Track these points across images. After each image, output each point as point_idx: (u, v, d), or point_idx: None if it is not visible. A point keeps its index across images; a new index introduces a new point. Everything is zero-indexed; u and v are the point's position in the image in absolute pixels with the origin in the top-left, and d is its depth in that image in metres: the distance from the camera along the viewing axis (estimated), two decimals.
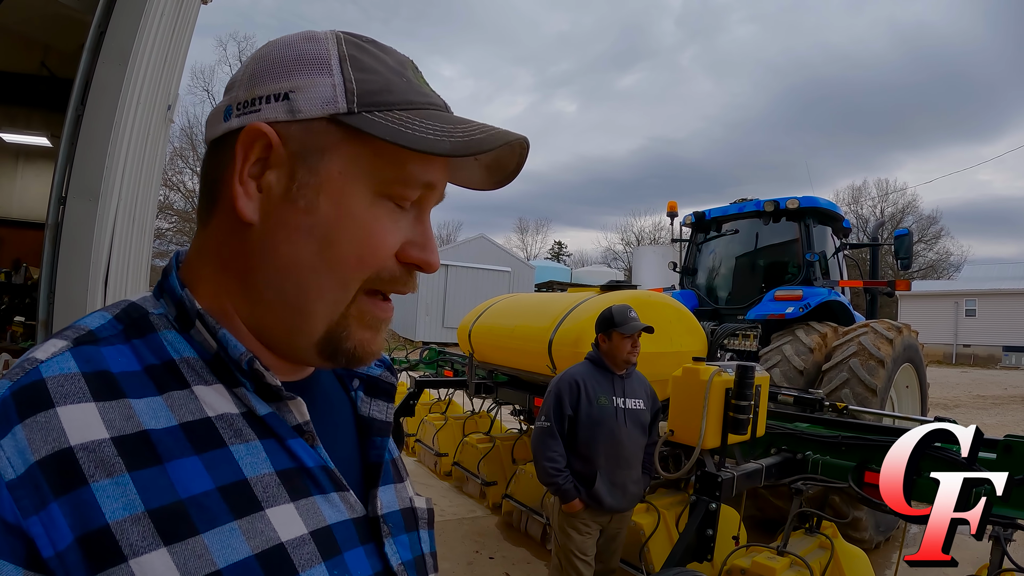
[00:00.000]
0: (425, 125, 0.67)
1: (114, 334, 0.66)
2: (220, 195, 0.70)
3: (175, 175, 35.54)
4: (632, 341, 3.69)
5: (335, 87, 0.67)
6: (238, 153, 0.67)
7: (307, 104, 0.67)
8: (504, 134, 0.70)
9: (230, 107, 0.70)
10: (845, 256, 8.23)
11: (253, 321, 0.71)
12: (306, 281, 0.68)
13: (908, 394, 6.86)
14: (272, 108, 0.67)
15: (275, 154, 0.67)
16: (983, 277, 41.35)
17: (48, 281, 4.57)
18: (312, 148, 0.67)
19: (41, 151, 7.54)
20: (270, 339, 0.72)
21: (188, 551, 0.57)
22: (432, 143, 0.65)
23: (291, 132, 0.67)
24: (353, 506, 0.74)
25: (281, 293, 0.69)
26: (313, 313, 0.69)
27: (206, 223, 0.73)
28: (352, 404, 0.86)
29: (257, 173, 0.68)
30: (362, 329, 0.72)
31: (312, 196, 0.67)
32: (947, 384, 23.10)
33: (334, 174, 0.68)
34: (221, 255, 0.71)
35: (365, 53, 0.70)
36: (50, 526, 0.53)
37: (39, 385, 0.58)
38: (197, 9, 6.37)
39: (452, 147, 0.66)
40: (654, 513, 4.58)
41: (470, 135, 0.68)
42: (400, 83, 0.70)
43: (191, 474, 0.60)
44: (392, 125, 0.66)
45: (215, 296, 0.71)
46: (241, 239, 0.69)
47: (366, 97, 0.67)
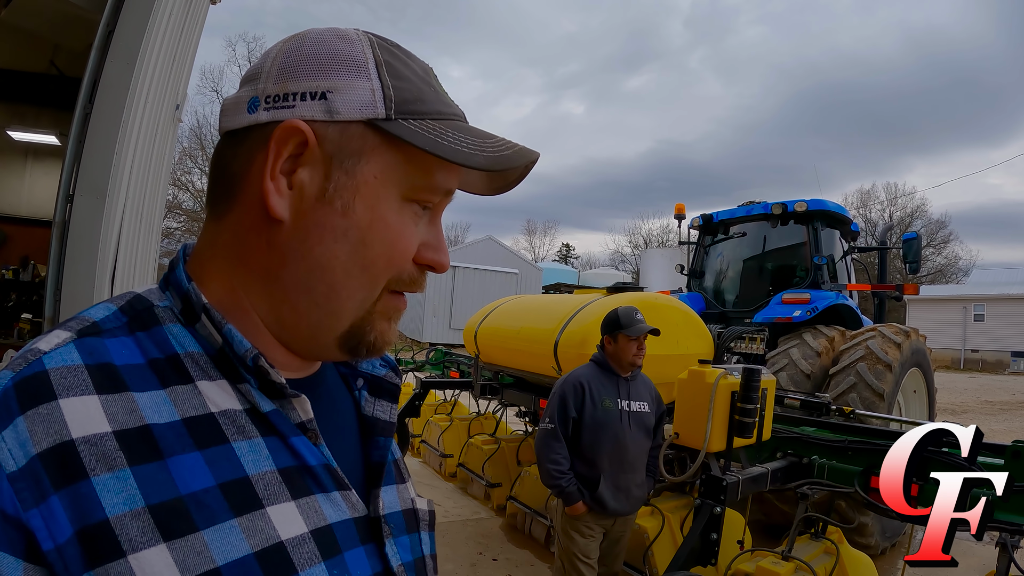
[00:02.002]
0: (458, 137, 0.69)
1: (118, 326, 0.65)
2: (241, 189, 0.70)
3: (184, 175, 35.65)
4: (638, 343, 3.68)
5: (374, 92, 0.68)
6: (271, 148, 0.67)
7: (345, 106, 0.67)
8: (528, 152, 0.73)
9: (256, 98, 0.69)
10: (853, 260, 8.19)
11: (273, 317, 0.71)
12: (338, 282, 0.69)
13: (916, 399, 6.83)
14: (308, 106, 0.67)
15: (309, 153, 0.67)
16: (992, 282, 41.11)
17: (55, 279, 4.59)
18: (349, 151, 0.68)
19: (49, 149, 7.56)
20: (291, 335, 0.72)
21: (187, 548, 0.57)
22: (467, 156, 0.68)
23: (328, 133, 0.67)
24: (355, 505, 0.74)
25: (310, 292, 0.70)
26: (342, 312, 0.71)
27: (220, 216, 0.72)
28: (356, 404, 0.86)
29: (288, 170, 0.68)
30: (382, 321, 0.74)
31: (349, 199, 0.68)
32: (955, 389, 22.99)
33: (369, 178, 0.69)
34: (239, 250, 0.71)
35: (397, 59, 0.71)
36: (50, 519, 0.53)
37: (42, 376, 0.58)
38: (206, 9, 6.38)
39: (486, 162, 0.68)
40: (658, 516, 4.56)
41: (499, 151, 0.70)
42: (430, 92, 0.72)
43: (192, 470, 0.60)
44: (429, 135, 0.67)
45: (230, 291, 0.71)
46: (266, 235, 0.69)
47: (403, 105, 0.68)
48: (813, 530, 4.17)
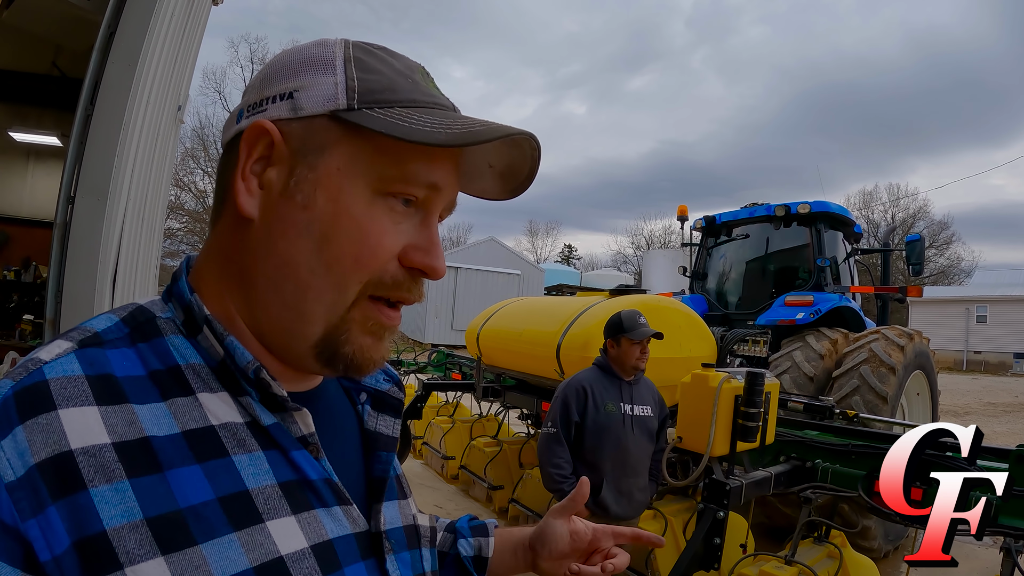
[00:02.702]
0: (423, 119, 0.67)
1: (120, 337, 0.65)
2: (227, 195, 0.70)
3: (186, 176, 35.75)
4: (641, 347, 3.66)
5: (336, 85, 0.67)
6: (242, 150, 0.68)
7: (308, 101, 0.67)
8: (504, 127, 0.68)
9: (242, 110, 0.71)
10: (856, 261, 8.19)
11: (253, 323, 0.71)
12: (303, 280, 0.68)
13: (919, 401, 6.81)
14: (276, 107, 0.68)
15: (277, 151, 0.68)
16: (994, 283, 41.05)
17: (56, 280, 4.58)
18: (312, 145, 0.68)
19: (51, 150, 7.56)
20: (270, 342, 0.71)
21: (185, 562, 0.57)
22: (426, 134, 0.65)
23: (292, 129, 0.68)
24: (356, 520, 0.74)
25: (279, 292, 0.69)
26: (311, 314, 0.68)
27: (215, 224, 0.73)
28: (358, 418, 0.86)
29: (259, 170, 0.69)
30: (363, 335, 0.71)
31: (309, 191, 0.67)
32: (958, 391, 22.95)
33: (332, 170, 0.68)
34: (225, 254, 0.71)
35: (372, 56, 0.71)
36: (47, 530, 0.53)
37: (42, 387, 0.58)
38: (208, 10, 6.38)
39: (447, 137, 0.65)
40: (661, 520, 4.56)
41: (468, 127, 0.67)
42: (405, 83, 0.70)
43: (191, 483, 0.60)
44: (390, 119, 0.66)
45: (219, 297, 0.71)
46: (242, 236, 0.69)
47: (367, 95, 0.67)
48: (816, 534, 4.17)
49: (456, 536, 1.08)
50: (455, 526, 1.10)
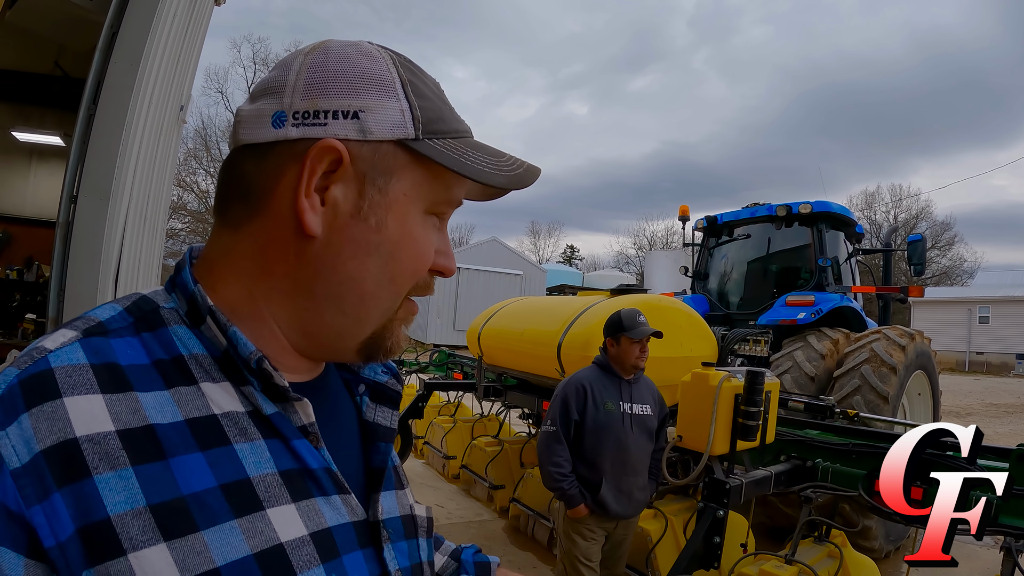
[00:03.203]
0: (476, 157, 0.73)
1: (124, 326, 0.66)
2: (267, 202, 0.70)
3: (188, 176, 35.73)
4: (640, 346, 3.67)
5: (403, 112, 0.70)
6: (306, 166, 0.68)
7: (378, 126, 0.69)
8: (534, 170, 0.79)
9: (282, 112, 0.69)
10: (858, 262, 8.19)
11: (295, 325, 0.73)
12: (368, 292, 0.73)
13: (920, 402, 6.80)
14: (341, 125, 0.68)
15: (343, 170, 0.69)
16: (997, 284, 40.97)
17: (58, 279, 4.59)
18: (381, 169, 0.71)
19: (54, 150, 7.58)
20: (312, 341, 0.75)
21: (187, 548, 0.58)
22: (489, 176, 0.73)
23: (361, 152, 0.69)
24: (354, 509, 0.75)
25: (339, 302, 0.72)
26: (368, 320, 0.74)
27: (236, 226, 0.72)
28: (357, 409, 0.87)
29: (321, 187, 0.69)
30: (399, 327, 0.78)
31: (382, 215, 0.71)
32: (960, 392, 22.92)
33: (400, 195, 0.72)
34: (262, 260, 0.71)
35: (416, 78, 0.74)
36: (52, 516, 0.54)
37: (47, 375, 0.59)
38: (210, 10, 6.40)
39: (505, 181, 0.75)
40: (661, 519, 4.56)
41: (513, 170, 0.76)
42: (447, 111, 0.76)
43: (194, 471, 0.61)
44: (453, 155, 0.72)
45: (248, 298, 0.72)
46: (296, 249, 0.70)
47: (428, 125, 0.72)
48: (817, 534, 4.17)
49: (459, 568, 1.09)
50: (459, 556, 1.10)
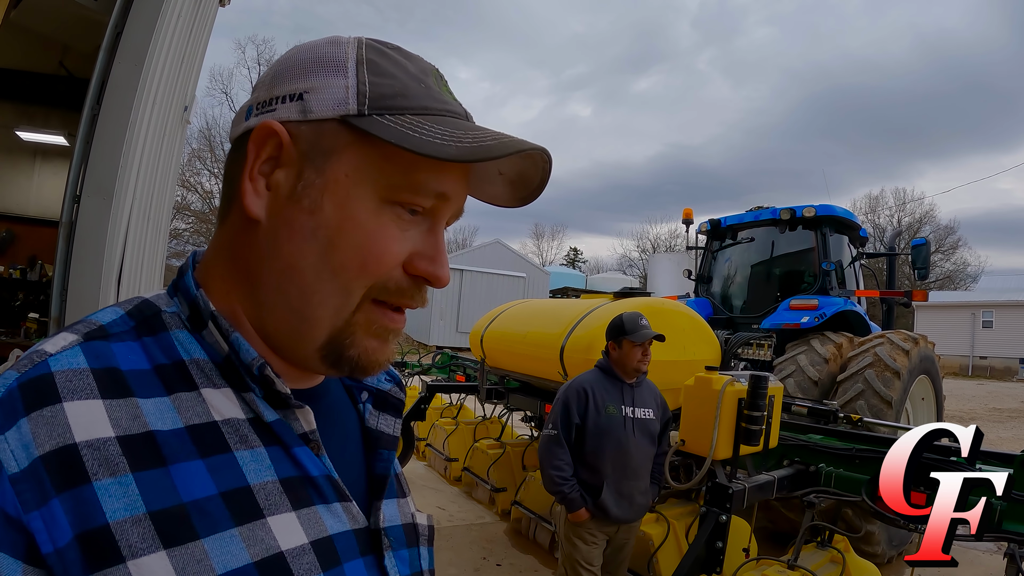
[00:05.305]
0: (434, 130, 0.65)
1: (125, 331, 0.66)
2: (234, 193, 0.70)
3: (192, 176, 35.76)
4: (643, 349, 3.65)
5: (347, 88, 0.67)
6: (250, 150, 0.68)
7: (319, 104, 0.67)
8: (517, 142, 0.68)
9: (251, 107, 0.70)
10: (862, 265, 8.16)
11: (258, 323, 0.71)
12: (308, 284, 0.68)
13: (924, 406, 6.79)
14: (286, 108, 0.68)
15: (285, 153, 0.67)
16: (1001, 288, 40.91)
17: (61, 278, 4.60)
18: (321, 149, 0.67)
19: (58, 150, 7.60)
20: (275, 343, 0.72)
21: (187, 555, 0.57)
22: (437, 147, 0.63)
23: (302, 132, 0.67)
24: (355, 517, 0.74)
25: (284, 295, 0.69)
26: (316, 318, 0.69)
27: (222, 221, 0.73)
28: (360, 416, 0.86)
29: (267, 171, 0.68)
30: (368, 338, 0.71)
31: (316, 196, 0.67)
32: (963, 396, 22.87)
33: (340, 176, 0.67)
34: (231, 253, 0.71)
35: (385, 58, 0.69)
36: (50, 522, 0.53)
37: (47, 379, 0.58)
38: (215, 11, 6.41)
39: (458, 152, 0.64)
40: (664, 523, 4.55)
41: (480, 141, 0.66)
42: (418, 88, 0.69)
43: (194, 478, 0.60)
44: (399, 128, 0.65)
45: (225, 295, 0.71)
46: (249, 237, 0.69)
47: (378, 100, 0.66)
48: (819, 539, 4.16)
49: None
50: None
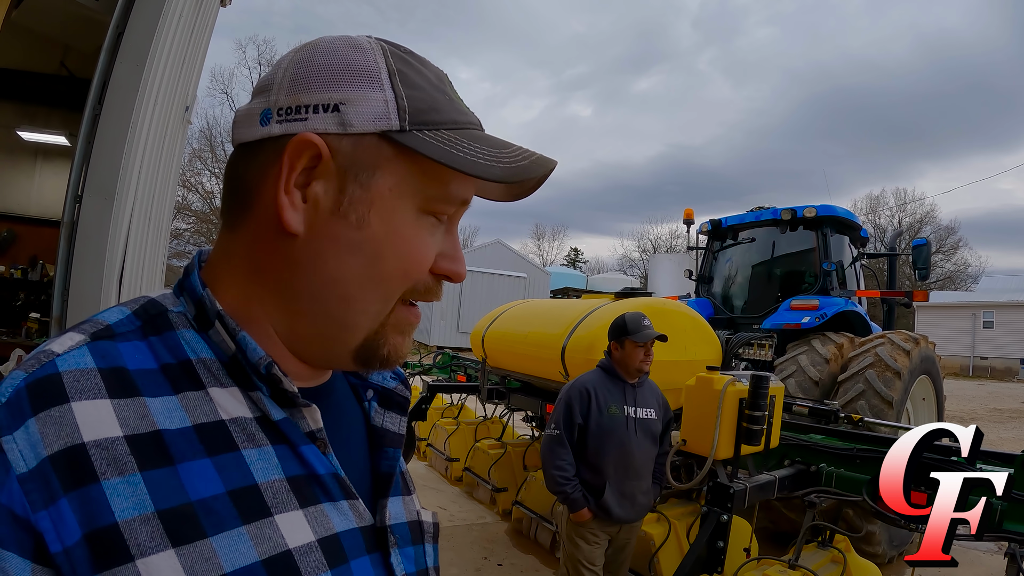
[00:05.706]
0: (474, 148, 0.68)
1: (132, 330, 0.66)
2: (255, 201, 0.69)
3: (193, 176, 35.76)
4: (645, 350, 3.66)
5: (387, 103, 0.67)
6: (284, 162, 0.66)
7: (358, 119, 0.66)
8: (545, 161, 0.72)
9: (268, 110, 0.68)
10: (862, 266, 8.16)
11: (286, 329, 0.71)
12: (351, 294, 0.69)
13: (924, 406, 6.79)
14: (321, 119, 0.66)
15: (323, 166, 0.67)
16: (1001, 289, 40.87)
17: (62, 279, 4.61)
18: (363, 164, 0.67)
19: (59, 150, 7.59)
20: (305, 347, 0.73)
21: (196, 554, 0.57)
22: (484, 168, 0.66)
23: (341, 145, 0.67)
24: (362, 515, 0.74)
25: (324, 305, 0.70)
26: (356, 325, 0.71)
27: (234, 227, 0.72)
28: (365, 414, 0.86)
29: (302, 183, 0.67)
30: (395, 335, 0.74)
31: (363, 212, 0.68)
32: (964, 397, 22.87)
33: (384, 191, 0.68)
34: (253, 261, 0.71)
35: (410, 68, 0.70)
36: (59, 521, 0.54)
37: (55, 379, 0.58)
38: (216, 11, 6.41)
39: (503, 173, 0.67)
40: (665, 523, 4.55)
41: (516, 161, 0.69)
42: (444, 101, 0.71)
43: (202, 477, 0.61)
44: (444, 147, 0.66)
45: (244, 301, 0.71)
46: (280, 249, 0.69)
47: (416, 115, 0.67)
48: (820, 539, 4.16)
49: None
50: None
